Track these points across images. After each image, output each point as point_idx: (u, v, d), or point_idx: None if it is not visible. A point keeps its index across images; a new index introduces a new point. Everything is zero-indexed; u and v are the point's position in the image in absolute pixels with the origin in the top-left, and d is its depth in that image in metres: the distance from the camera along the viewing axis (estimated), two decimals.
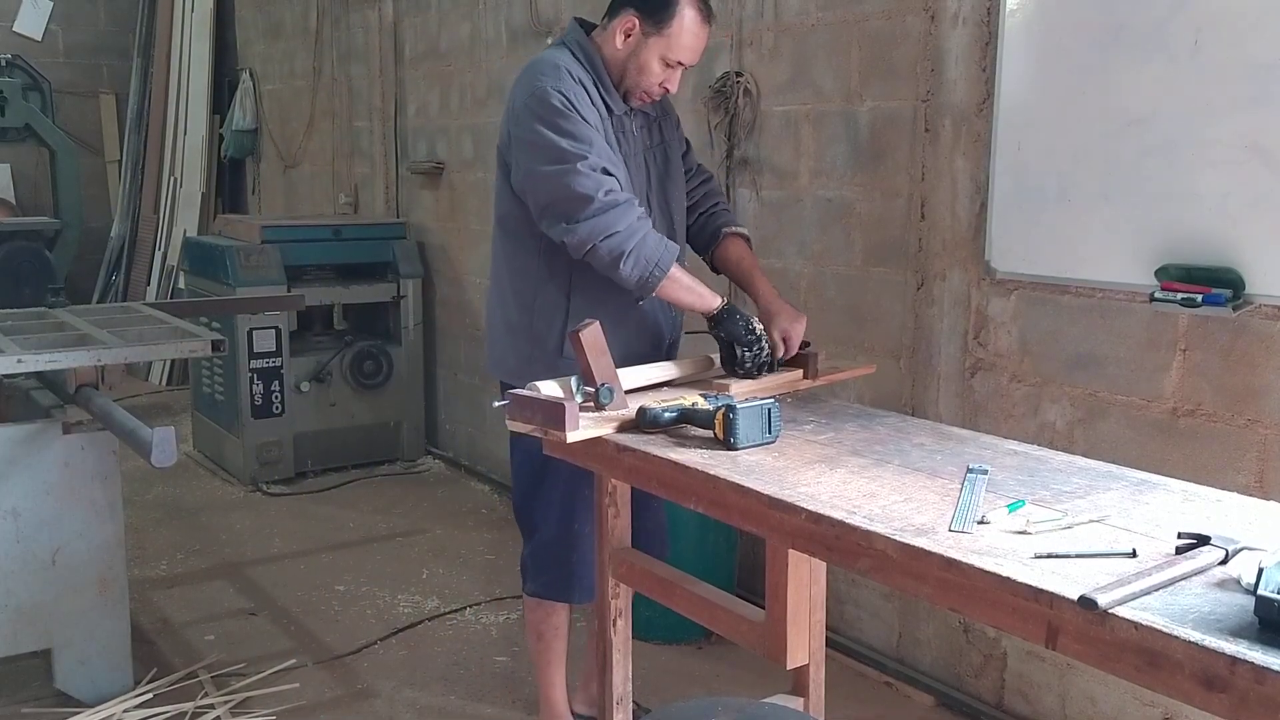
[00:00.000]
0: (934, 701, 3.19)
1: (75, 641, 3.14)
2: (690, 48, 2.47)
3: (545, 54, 2.55)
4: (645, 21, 2.45)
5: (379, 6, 5.75)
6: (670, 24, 2.43)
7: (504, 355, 2.64)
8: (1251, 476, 2.46)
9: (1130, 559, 1.51)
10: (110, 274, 7.81)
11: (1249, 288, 2.38)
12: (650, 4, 2.45)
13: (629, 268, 2.35)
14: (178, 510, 4.94)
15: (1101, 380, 2.73)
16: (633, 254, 2.34)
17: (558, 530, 2.68)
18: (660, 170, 2.64)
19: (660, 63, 2.47)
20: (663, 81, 2.50)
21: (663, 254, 2.37)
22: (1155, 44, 2.49)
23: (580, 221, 2.33)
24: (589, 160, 2.34)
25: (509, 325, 2.61)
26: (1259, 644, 1.28)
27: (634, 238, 2.34)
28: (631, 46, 2.47)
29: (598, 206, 2.32)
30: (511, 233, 2.57)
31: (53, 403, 3.23)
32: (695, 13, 2.45)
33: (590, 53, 2.50)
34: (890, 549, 1.61)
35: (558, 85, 2.39)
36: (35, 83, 7.19)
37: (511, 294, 2.60)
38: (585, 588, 2.69)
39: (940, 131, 3.04)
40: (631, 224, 2.34)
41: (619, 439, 2.10)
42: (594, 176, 2.34)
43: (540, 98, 2.39)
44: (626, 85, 2.51)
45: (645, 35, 2.45)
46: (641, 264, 2.35)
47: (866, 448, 2.05)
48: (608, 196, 2.33)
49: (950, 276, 3.05)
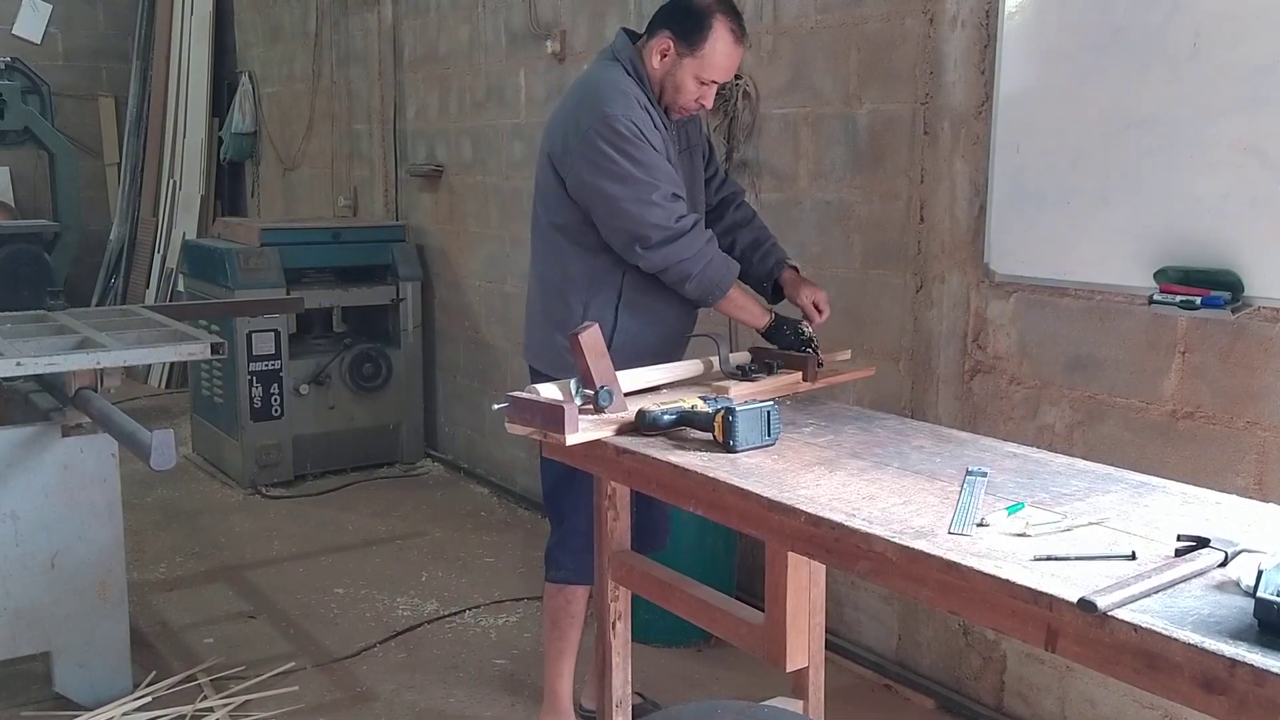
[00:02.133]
0: (934, 704, 3.19)
1: (74, 645, 3.14)
2: (724, 67, 2.57)
3: (604, 73, 2.62)
4: (679, 43, 2.53)
5: (378, 9, 5.75)
6: (703, 46, 2.52)
7: (543, 348, 2.74)
8: (1251, 479, 2.46)
9: (1130, 561, 1.51)
10: (109, 277, 7.81)
11: (1248, 290, 2.38)
12: (684, 26, 2.53)
13: (693, 288, 2.56)
14: (177, 513, 4.94)
15: (1101, 383, 2.73)
16: (698, 277, 2.54)
17: (589, 516, 2.65)
18: (688, 173, 2.73)
19: (695, 81, 2.56)
20: (698, 98, 2.59)
21: (724, 277, 2.58)
22: (1154, 46, 2.49)
23: (654, 248, 2.50)
24: (661, 190, 2.48)
25: (555, 322, 2.68)
26: (1258, 646, 1.28)
27: (700, 262, 2.53)
28: (668, 67, 2.56)
29: (670, 234, 2.49)
30: (572, 239, 2.66)
31: (52, 405, 3.22)
32: (728, 33, 2.52)
33: (640, 70, 2.59)
34: (890, 551, 1.61)
35: (628, 113, 2.49)
36: (34, 86, 7.19)
37: (557, 293, 2.71)
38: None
39: (939, 134, 3.04)
40: (700, 249, 2.53)
41: (618, 441, 2.10)
42: (666, 206, 2.49)
43: (610, 124, 2.48)
44: (665, 102, 2.61)
45: (680, 56, 2.54)
46: (705, 286, 2.56)
47: (866, 450, 2.05)
48: (678, 224, 2.50)
49: (949, 279, 3.06)
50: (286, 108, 7.02)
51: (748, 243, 2.86)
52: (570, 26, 4.42)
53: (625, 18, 4.11)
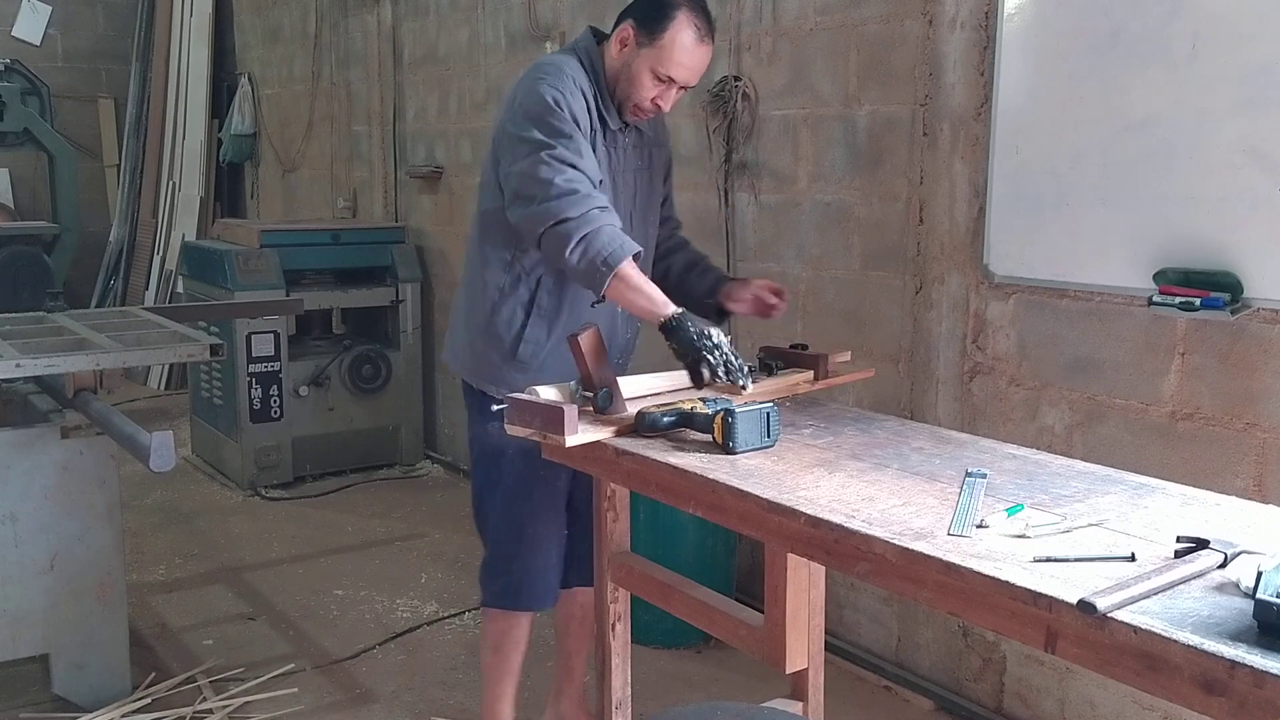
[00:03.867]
0: (933, 706, 3.19)
1: (73, 646, 3.14)
2: (683, 64, 2.42)
3: (553, 56, 2.55)
4: (640, 31, 2.42)
5: (378, 11, 5.75)
6: (662, 36, 2.39)
7: (461, 353, 2.64)
8: (1250, 480, 2.46)
9: (1129, 563, 1.51)
10: (109, 278, 7.81)
11: (1247, 291, 2.38)
12: (646, 14, 2.43)
13: (576, 257, 2.24)
14: (176, 515, 4.93)
15: (1100, 384, 2.73)
16: (583, 243, 2.23)
17: (508, 534, 2.63)
18: (645, 194, 2.61)
19: (651, 76, 2.42)
20: (655, 97, 2.45)
21: (614, 250, 2.23)
22: (1153, 48, 2.50)
23: (536, 204, 2.29)
24: (557, 151, 2.30)
25: (472, 326, 2.58)
26: (1258, 648, 1.27)
27: (586, 226, 2.24)
28: (626, 57, 2.44)
29: (556, 192, 2.26)
30: (490, 231, 2.53)
31: (51, 407, 3.22)
32: (691, 30, 2.40)
33: (596, 63, 2.49)
34: (889, 553, 1.61)
35: (556, 84, 2.38)
36: (34, 87, 7.20)
37: (473, 294, 2.58)
38: (537, 594, 2.66)
39: (938, 136, 3.04)
40: (587, 214, 2.25)
41: (618, 443, 2.10)
42: (558, 165, 2.29)
43: (535, 95, 2.37)
44: (619, 97, 2.47)
45: (639, 46, 2.42)
46: (590, 255, 2.23)
47: (865, 451, 2.05)
48: (568, 184, 2.27)
49: (949, 280, 3.06)
50: (286, 109, 7.02)
51: (684, 264, 2.73)
52: (570, 27, 4.42)
53: None
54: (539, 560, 2.63)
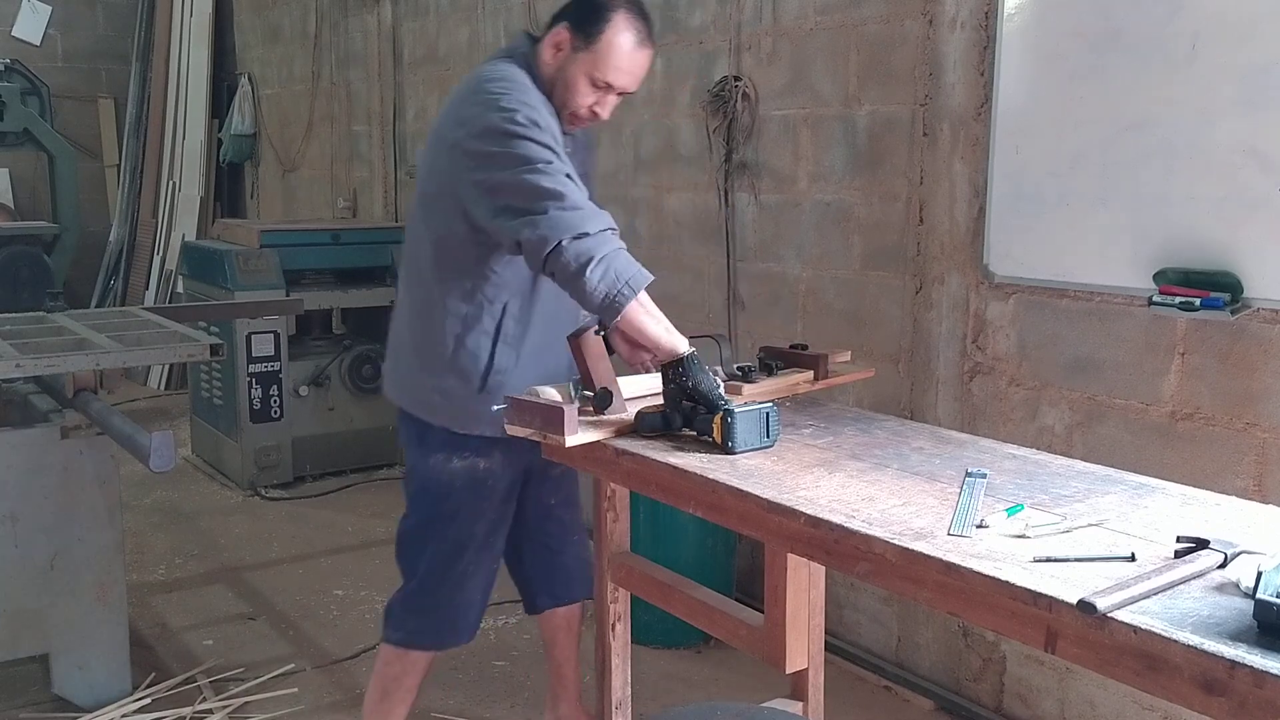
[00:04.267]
0: (933, 706, 3.19)
1: (73, 646, 3.14)
2: (622, 69, 2.28)
3: (499, 67, 2.32)
4: (575, 35, 2.28)
5: (378, 11, 5.75)
6: (600, 39, 2.26)
7: (408, 384, 2.49)
8: (1250, 480, 2.46)
9: (1129, 563, 1.51)
10: (109, 278, 7.81)
11: (1247, 291, 2.38)
12: (582, 16, 2.29)
13: (597, 278, 2.05)
14: (176, 515, 4.93)
15: (1100, 384, 2.73)
16: (603, 262, 2.06)
17: (445, 569, 2.51)
18: None
19: (588, 82, 2.28)
20: (592, 104, 2.31)
21: (636, 273, 2.09)
22: (1153, 48, 2.50)
23: (546, 214, 2.08)
24: (555, 165, 2.15)
25: (423, 356, 2.43)
26: (1258, 648, 1.27)
27: (607, 245, 2.08)
28: (561, 61, 2.30)
29: (569, 203, 2.10)
30: (449, 257, 2.35)
31: (51, 407, 3.22)
32: (630, 32, 2.27)
33: (534, 69, 2.33)
34: (889, 553, 1.61)
35: (524, 98, 2.22)
36: (34, 87, 7.19)
37: (428, 321, 2.42)
38: (461, 631, 2.58)
39: (938, 136, 3.04)
40: (605, 233, 2.10)
41: (618, 443, 2.10)
42: (561, 178, 2.13)
43: (505, 110, 2.19)
44: (556, 103, 2.31)
45: (575, 50, 2.28)
46: (611, 277, 2.06)
47: (865, 451, 2.05)
48: (578, 198, 2.13)
49: (949, 280, 3.06)
50: (286, 109, 7.02)
51: None
52: None
53: None
54: (470, 596, 2.54)
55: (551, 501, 2.69)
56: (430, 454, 2.47)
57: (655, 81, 4.00)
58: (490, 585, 2.60)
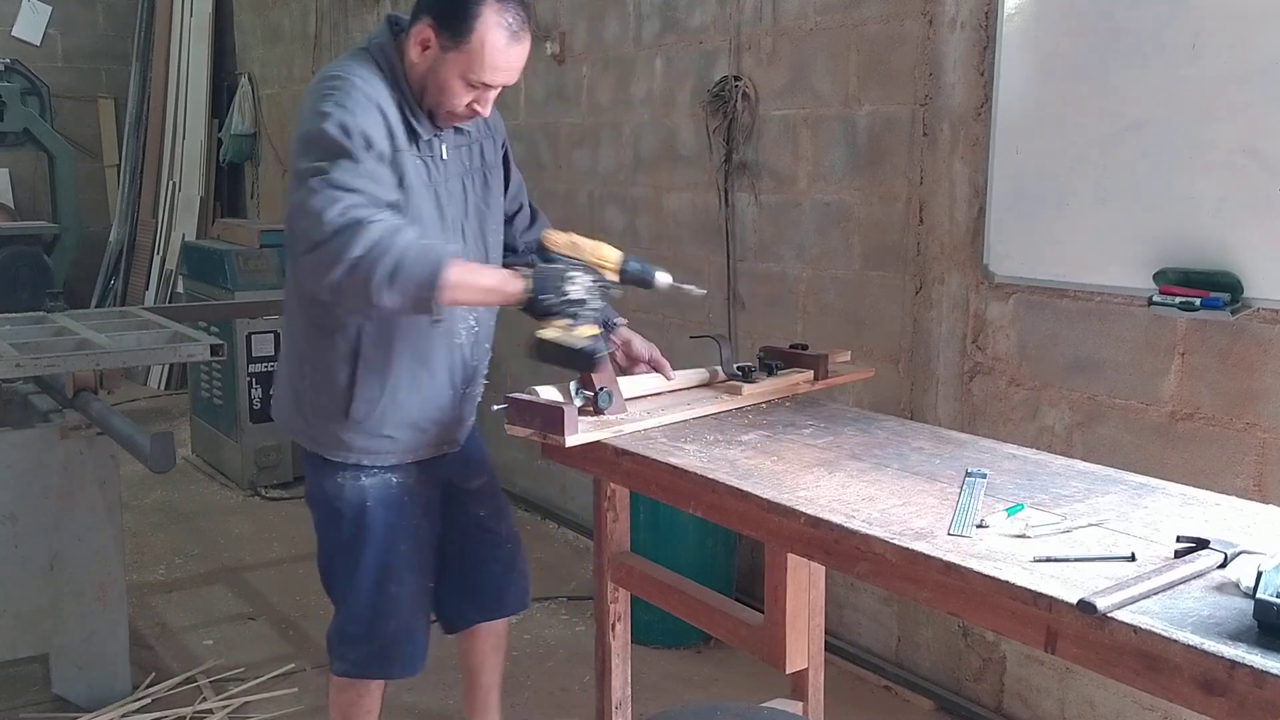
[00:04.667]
0: (933, 706, 3.19)
1: (73, 646, 3.14)
2: (498, 68, 2.09)
3: (343, 63, 2.16)
4: (441, 33, 2.07)
5: (377, 10, 5.75)
6: (469, 38, 2.05)
7: (286, 415, 2.40)
8: (1250, 480, 2.46)
9: (1129, 563, 1.51)
10: (109, 278, 7.81)
11: (1247, 291, 2.38)
12: (446, 12, 2.07)
13: (394, 296, 1.92)
14: (176, 515, 4.93)
15: (1100, 384, 2.73)
16: (392, 278, 1.91)
17: (369, 597, 2.36)
18: (479, 197, 2.33)
19: (462, 83, 2.10)
20: (470, 103, 2.13)
21: (427, 267, 1.92)
22: (1153, 48, 2.49)
23: (315, 250, 1.94)
24: (331, 175, 1.96)
25: (291, 386, 2.37)
26: (1258, 648, 1.27)
27: (384, 258, 1.90)
28: (429, 61, 2.10)
29: (330, 229, 1.92)
30: (299, 276, 2.17)
31: (51, 407, 3.22)
32: (501, 28, 2.06)
33: (394, 64, 2.14)
34: (889, 553, 1.61)
35: (340, 100, 2.04)
36: (34, 87, 7.19)
37: (290, 349, 2.37)
38: (408, 658, 2.43)
39: (938, 135, 3.04)
40: (377, 243, 1.91)
41: (618, 443, 2.10)
42: (330, 193, 1.94)
43: (312, 116, 2.05)
44: (428, 104, 2.15)
45: (443, 50, 2.08)
46: (408, 285, 1.92)
47: (865, 451, 2.05)
48: (342, 217, 1.93)
49: (949, 280, 3.06)
50: (286, 109, 7.02)
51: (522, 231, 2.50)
52: (570, 28, 4.42)
53: (624, 18, 4.11)
54: (407, 621, 2.39)
55: (481, 513, 2.57)
56: (324, 480, 2.34)
57: (655, 81, 4.00)
58: (428, 608, 2.48)
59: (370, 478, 2.32)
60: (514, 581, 2.63)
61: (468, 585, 2.58)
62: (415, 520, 2.38)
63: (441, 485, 2.46)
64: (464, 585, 2.57)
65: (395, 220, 1.99)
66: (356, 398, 2.23)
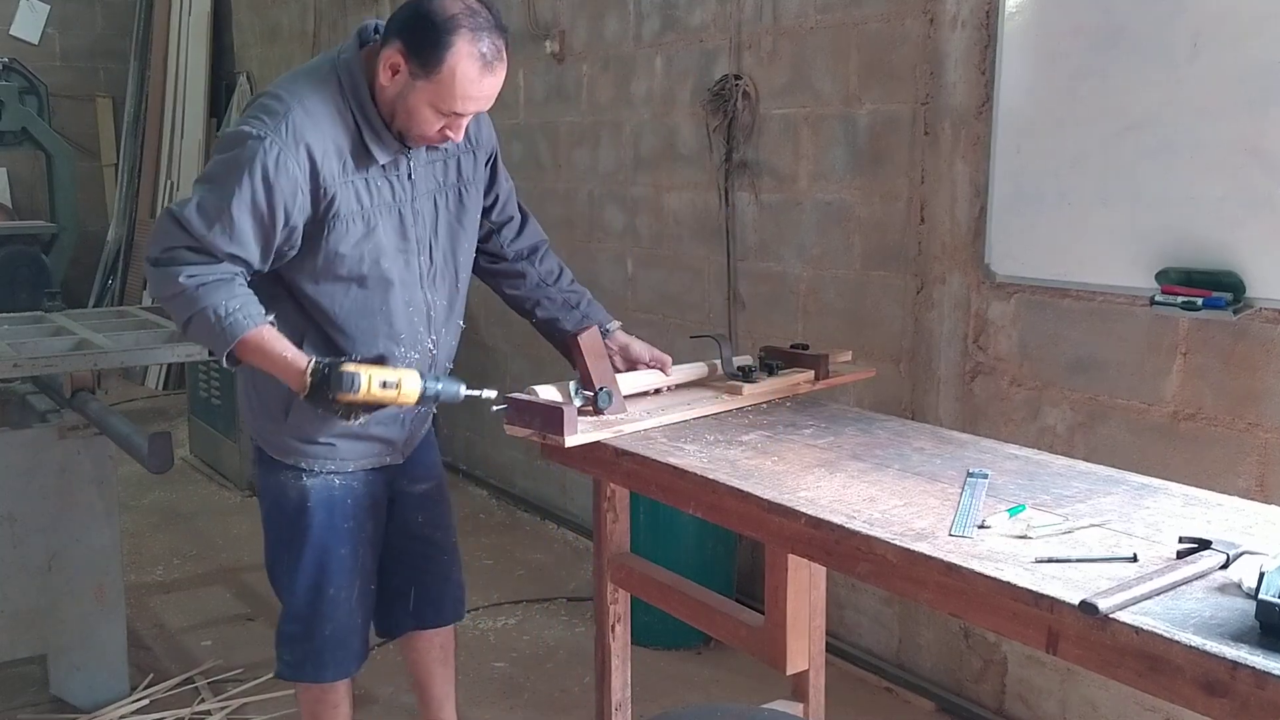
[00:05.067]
0: (934, 707, 3.18)
1: (71, 647, 3.13)
2: (470, 97, 2.04)
3: (297, 83, 2.10)
4: (412, 61, 2.01)
5: (376, 9, 5.74)
6: (439, 70, 1.99)
7: (253, 422, 2.36)
8: (1252, 480, 2.45)
9: (1131, 563, 1.51)
10: (107, 278, 7.81)
11: (1249, 291, 2.37)
12: (418, 41, 2.00)
13: (198, 335, 2.11)
14: (174, 515, 4.93)
15: (1102, 384, 2.72)
16: (184, 329, 2.10)
17: (307, 597, 2.35)
18: (452, 215, 2.28)
19: (432, 110, 2.05)
20: (442, 128, 2.08)
21: (215, 341, 2.06)
22: (1154, 47, 2.49)
23: (147, 261, 2.10)
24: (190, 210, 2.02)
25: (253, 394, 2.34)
26: (1260, 649, 1.27)
27: (183, 310, 2.05)
28: (399, 86, 2.04)
29: (151, 259, 2.07)
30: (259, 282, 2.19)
31: (49, 407, 3.22)
32: (474, 60, 1.99)
33: (358, 83, 2.08)
34: (890, 554, 1.60)
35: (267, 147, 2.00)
36: (32, 86, 7.19)
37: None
38: (340, 662, 2.39)
39: (940, 135, 3.03)
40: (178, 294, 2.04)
41: (618, 443, 2.09)
42: (175, 228, 2.02)
43: (228, 147, 2.05)
44: (398, 127, 2.10)
45: (413, 77, 2.02)
46: (199, 341, 2.15)
47: (866, 452, 2.04)
48: (164, 253, 2.04)
49: (950, 280, 3.05)
50: None
51: (548, 315, 2.42)
52: (569, 27, 4.42)
53: (625, 18, 4.10)
54: (344, 625, 2.37)
55: (418, 520, 2.53)
56: (272, 475, 2.33)
57: (655, 80, 4.00)
58: (369, 611, 2.45)
59: (312, 478, 2.30)
60: (448, 592, 2.59)
61: (400, 591, 2.54)
62: (358, 522, 2.35)
63: (387, 485, 2.43)
64: (396, 591, 2.53)
65: (213, 277, 2.04)
66: (295, 403, 2.18)
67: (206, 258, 2.04)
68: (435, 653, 2.63)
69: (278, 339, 2.08)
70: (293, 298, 2.19)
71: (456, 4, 2.00)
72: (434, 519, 2.57)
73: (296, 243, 2.11)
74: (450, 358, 2.41)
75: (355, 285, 2.17)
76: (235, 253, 2.05)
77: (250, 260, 2.08)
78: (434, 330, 2.32)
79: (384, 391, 2.03)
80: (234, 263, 2.06)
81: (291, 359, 2.06)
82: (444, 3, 2.00)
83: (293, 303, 2.20)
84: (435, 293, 2.30)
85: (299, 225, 2.09)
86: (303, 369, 2.03)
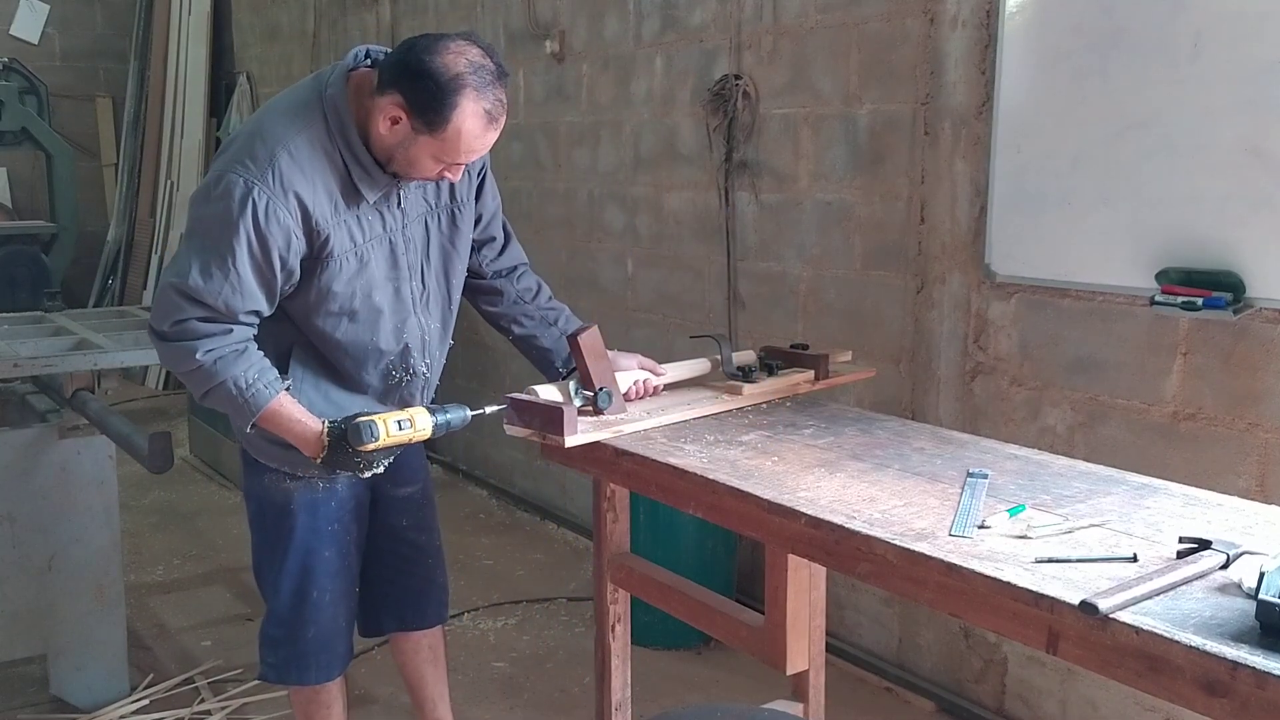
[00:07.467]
0: (934, 707, 3.18)
1: (71, 647, 3.13)
2: (473, 150, 2.04)
3: (281, 126, 2.05)
4: (414, 117, 1.98)
5: (376, 9, 5.75)
6: (444, 129, 1.97)
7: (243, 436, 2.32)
8: (1252, 480, 2.45)
9: (1131, 563, 1.51)
10: (107, 278, 7.81)
11: (1249, 291, 2.37)
12: (421, 99, 1.97)
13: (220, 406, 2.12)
14: (174, 515, 4.93)
15: (1102, 384, 2.72)
16: (202, 399, 2.12)
17: (291, 600, 2.34)
18: (444, 237, 2.28)
19: (433, 160, 2.04)
20: (440, 172, 2.08)
21: (233, 411, 2.12)
22: (1155, 47, 2.49)
23: (152, 335, 2.11)
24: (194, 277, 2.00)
25: None
26: (1260, 649, 1.27)
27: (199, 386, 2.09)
28: (399, 137, 2.02)
29: (163, 333, 2.07)
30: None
31: (49, 407, 3.22)
32: (479, 117, 1.98)
33: (344, 120, 2.04)
34: (890, 554, 1.60)
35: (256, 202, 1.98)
36: (32, 86, 7.19)
37: None
38: (324, 665, 2.39)
39: (940, 134, 3.03)
40: (196, 369, 2.05)
41: (617, 443, 2.09)
42: (181, 300, 2.02)
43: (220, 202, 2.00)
44: (396, 170, 2.09)
45: (415, 131, 2.00)
46: (218, 407, 2.13)
47: (866, 452, 2.04)
48: (174, 327, 2.05)
49: (950, 280, 3.05)
50: None
51: (525, 333, 2.44)
52: (569, 26, 4.42)
53: (624, 17, 4.10)
54: (327, 628, 2.37)
55: (403, 523, 2.53)
56: (257, 476, 2.35)
57: (655, 80, 4.00)
58: (353, 613, 2.46)
59: (295, 481, 2.30)
60: (431, 595, 2.60)
61: (383, 593, 2.55)
62: (342, 525, 2.36)
63: (370, 488, 2.42)
64: (379, 593, 2.54)
65: (229, 349, 2.06)
66: None
67: (219, 326, 2.06)
68: (424, 654, 2.64)
69: (294, 406, 2.12)
70: (279, 312, 2.18)
71: (460, 60, 1.97)
72: (418, 522, 2.58)
73: (296, 280, 2.13)
74: (439, 375, 2.43)
75: (346, 319, 2.19)
76: (250, 308, 2.07)
77: (263, 311, 2.11)
78: (428, 354, 2.34)
79: (401, 433, 2.07)
80: (248, 318, 2.09)
81: (306, 426, 2.10)
82: (446, 59, 1.96)
83: (278, 314, 2.18)
84: (428, 316, 2.32)
85: (296, 267, 2.10)
86: (318, 433, 2.08)
